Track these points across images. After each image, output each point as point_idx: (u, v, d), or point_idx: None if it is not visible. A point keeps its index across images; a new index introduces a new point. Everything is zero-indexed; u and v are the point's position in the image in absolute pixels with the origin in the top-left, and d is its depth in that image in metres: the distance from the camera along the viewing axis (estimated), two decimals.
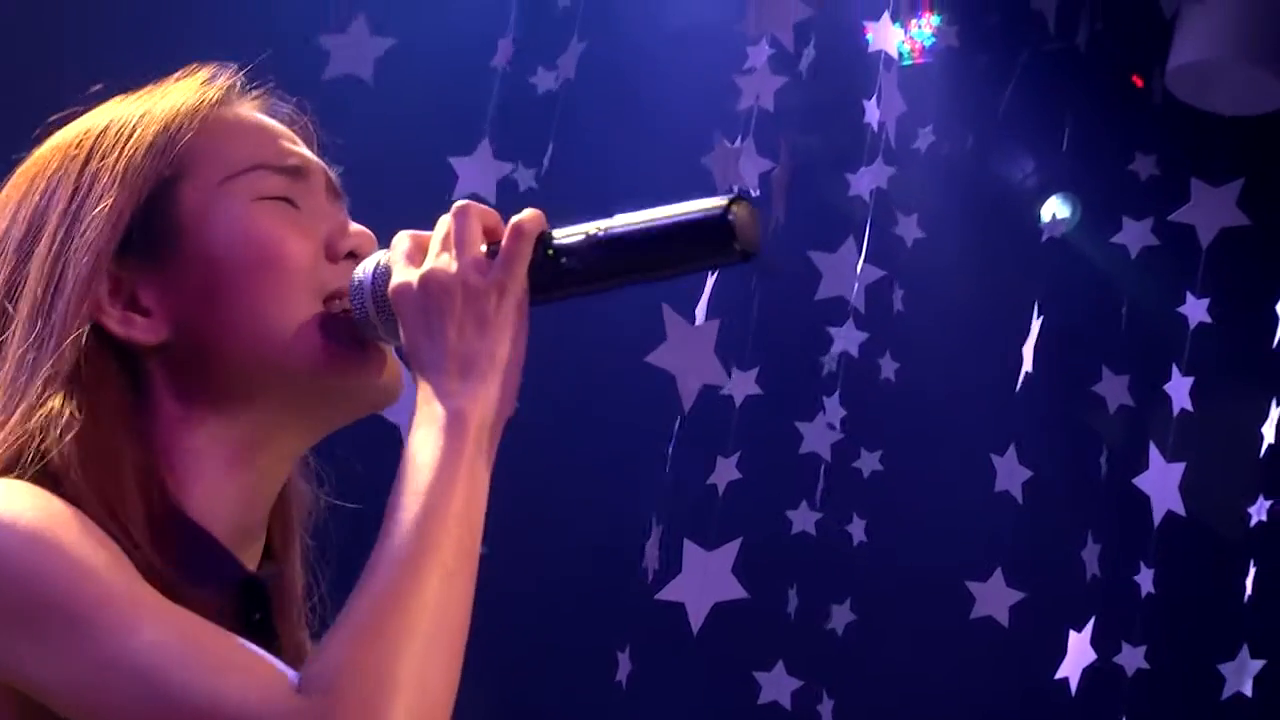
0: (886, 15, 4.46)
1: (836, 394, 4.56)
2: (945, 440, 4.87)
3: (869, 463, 4.70)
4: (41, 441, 1.46)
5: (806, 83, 4.56)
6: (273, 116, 1.60)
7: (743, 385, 3.87)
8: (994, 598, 4.29)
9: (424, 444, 1.43)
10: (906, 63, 4.78)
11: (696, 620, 3.92)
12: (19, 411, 1.49)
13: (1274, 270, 4.04)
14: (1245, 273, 4.06)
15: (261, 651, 1.42)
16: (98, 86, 1.61)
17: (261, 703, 1.33)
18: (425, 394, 1.46)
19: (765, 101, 4.17)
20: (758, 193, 4.15)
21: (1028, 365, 4.08)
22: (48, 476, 1.45)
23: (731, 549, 3.49)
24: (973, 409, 4.72)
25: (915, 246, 4.50)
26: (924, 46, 4.91)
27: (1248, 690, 3.82)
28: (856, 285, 4.13)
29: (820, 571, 4.68)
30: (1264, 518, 4.11)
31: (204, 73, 1.59)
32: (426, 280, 1.47)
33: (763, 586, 4.54)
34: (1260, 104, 4.45)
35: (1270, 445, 3.94)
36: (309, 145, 1.61)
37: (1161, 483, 3.74)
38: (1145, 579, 3.99)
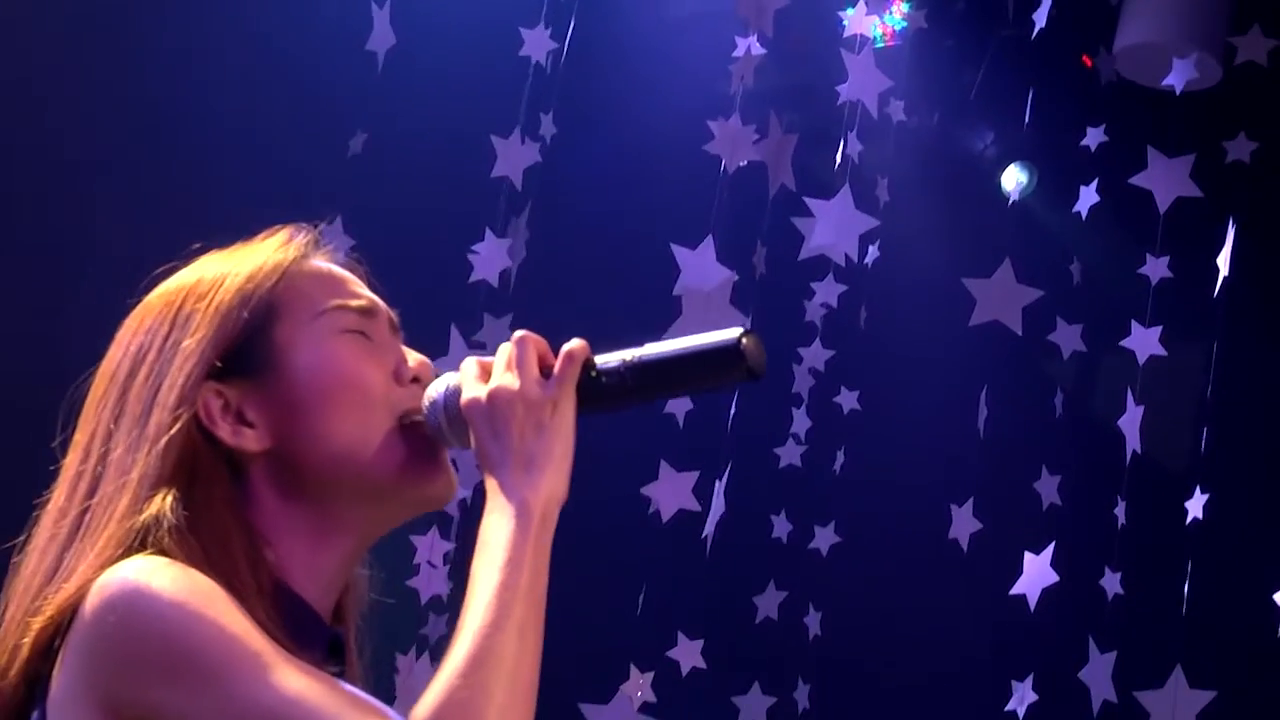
0: (862, 3, 4.49)
1: (817, 341, 4.63)
2: (914, 381, 4.87)
3: (848, 401, 4.70)
4: (155, 530, 1.54)
5: (789, 66, 4.59)
6: (335, 262, 1.71)
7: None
8: (961, 522, 4.37)
9: (496, 528, 1.54)
10: (879, 45, 4.79)
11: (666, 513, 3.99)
12: (122, 506, 1.57)
13: (1210, 230, 4.04)
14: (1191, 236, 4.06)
15: (376, 702, 1.52)
16: (196, 245, 1.70)
17: None
18: (493, 488, 1.56)
19: (749, 82, 4.20)
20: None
21: (1014, 323, 3.98)
22: (174, 552, 1.53)
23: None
24: (941, 353, 4.74)
25: (885, 209, 4.50)
26: (894, 30, 4.91)
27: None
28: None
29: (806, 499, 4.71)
30: (1209, 450, 4.13)
31: (283, 234, 1.70)
32: (494, 395, 1.57)
33: (754, 513, 4.61)
34: (1200, 81, 4.44)
35: (1213, 383, 3.98)
36: (367, 285, 1.71)
37: (1130, 423, 3.80)
38: (1120, 512, 4.03)
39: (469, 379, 1.61)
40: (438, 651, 3.86)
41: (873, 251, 4.44)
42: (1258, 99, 4.64)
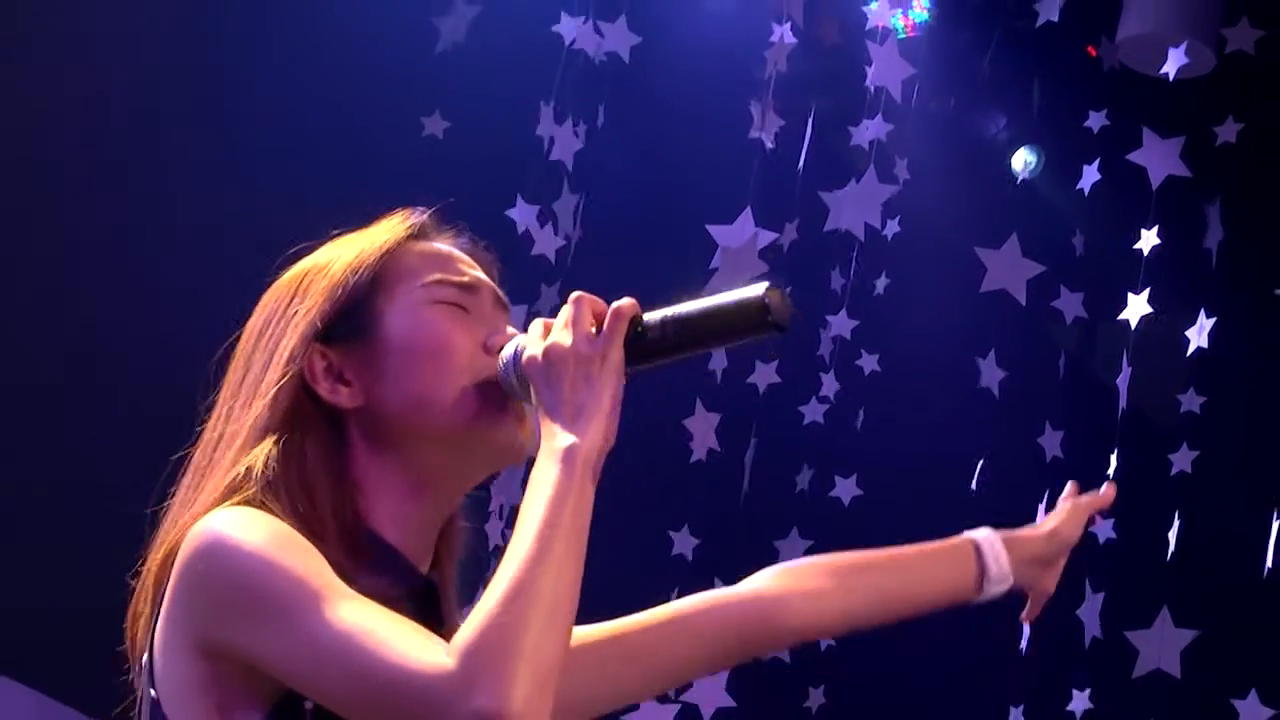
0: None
1: (843, 310, 4.65)
2: (930, 344, 4.86)
3: (869, 363, 4.71)
4: (248, 480, 1.59)
5: (819, 54, 4.61)
6: (458, 248, 1.73)
7: None
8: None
9: (545, 470, 1.54)
10: (901, 36, 4.79)
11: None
12: (231, 452, 1.63)
13: (1200, 213, 4.05)
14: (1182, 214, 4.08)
15: (422, 629, 1.51)
16: (335, 230, 1.75)
17: (420, 663, 1.43)
18: (547, 433, 1.57)
19: (782, 67, 4.25)
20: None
21: (1019, 292, 4.12)
22: (261, 502, 1.58)
23: None
24: (953, 319, 4.73)
25: (905, 187, 4.52)
26: (915, 23, 4.91)
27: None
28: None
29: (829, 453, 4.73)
30: (1196, 409, 4.18)
31: (400, 215, 1.73)
32: (549, 351, 1.59)
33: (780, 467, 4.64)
34: (1195, 69, 4.44)
35: (1199, 347, 4.01)
36: (488, 270, 1.74)
37: (1124, 383, 3.85)
38: (1114, 464, 4.02)
39: (533, 338, 1.62)
40: None
41: (893, 226, 4.46)
42: (1246, 86, 4.62)
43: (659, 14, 4.40)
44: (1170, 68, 4.26)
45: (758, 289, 1.61)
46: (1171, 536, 3.79)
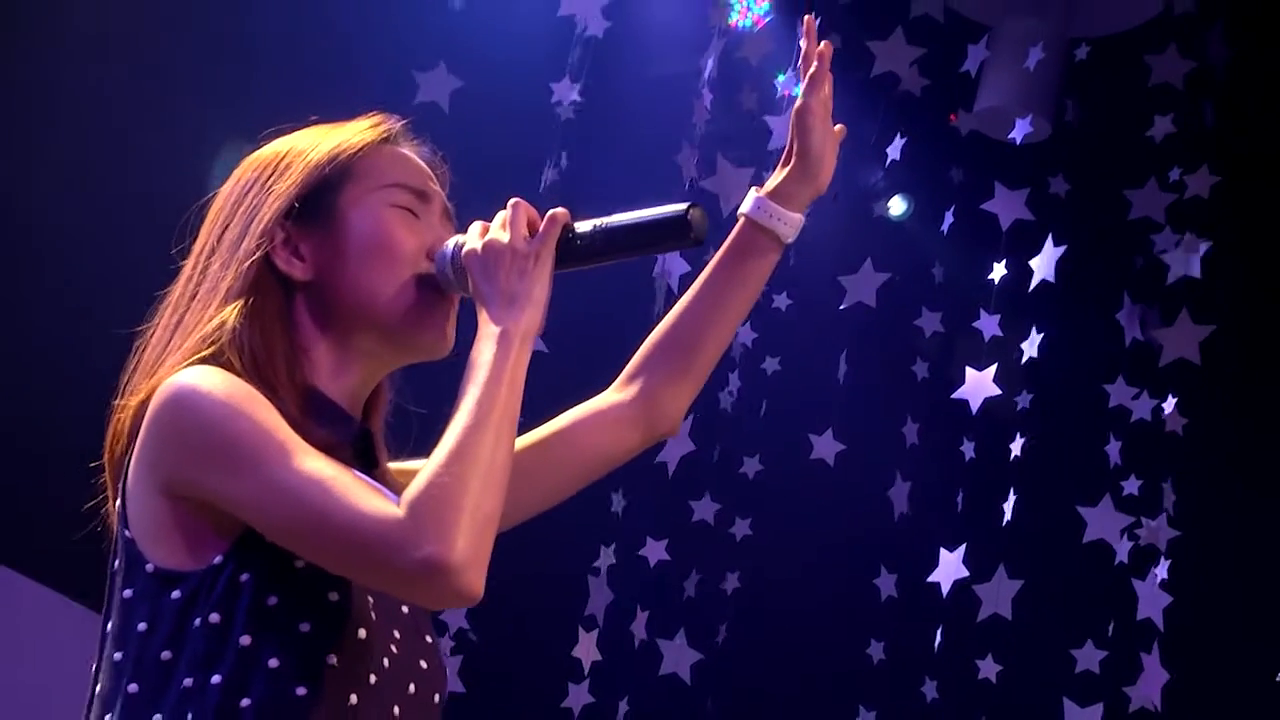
0: (791, 71, 4.62)
1: (748, 323, 4.69)
2: (820, 350, 4.84)
3: (770, 365, 4.75)
4: (219, 337, 1.50)
5: (737, 115, 4.63)
6: (419, 156, 1.63)
7: None
8: (830, 448, 4.49)
9: (483, 350, 1.47)
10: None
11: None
12: (206, 315, 1.53)
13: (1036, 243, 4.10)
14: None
15: (374, 482, 1.45)
16: (314, 118, 1.65)
17: (374, 513, 1.37)
18: (484, 318, 1.50)
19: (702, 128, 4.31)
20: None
21: (870, 302, 4.20)
22: (224, 360, 1.49)
23: None
24: (842, 332, 4.74)
25: (805, 224, 4.54)
26: (812, 21, 4.91)
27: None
28: None
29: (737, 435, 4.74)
30: (1027, 405, 4.25)
31: (376, 118, 1.63)
32: (488, 245, 1.52)
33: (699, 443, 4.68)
34: (1036, 136, 4.53)
35: (1031, 358, 4.00)
36: (442, 183, 1.64)
37: (979, 384, 3.82)
38: (966, 450, 4.10)
39: (472, 235, 1.55)
40: None
41: (792, 256, 4.53)
42: (1073, 149, 4.76)
43: (610, 75, 4.40)
44: (1016, 134, 4.34)
45: (681, 206, 1.54)
46: (1007, 508, 3.83)
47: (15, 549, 4.53)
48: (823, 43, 1.76)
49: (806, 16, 1.79)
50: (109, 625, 1.47)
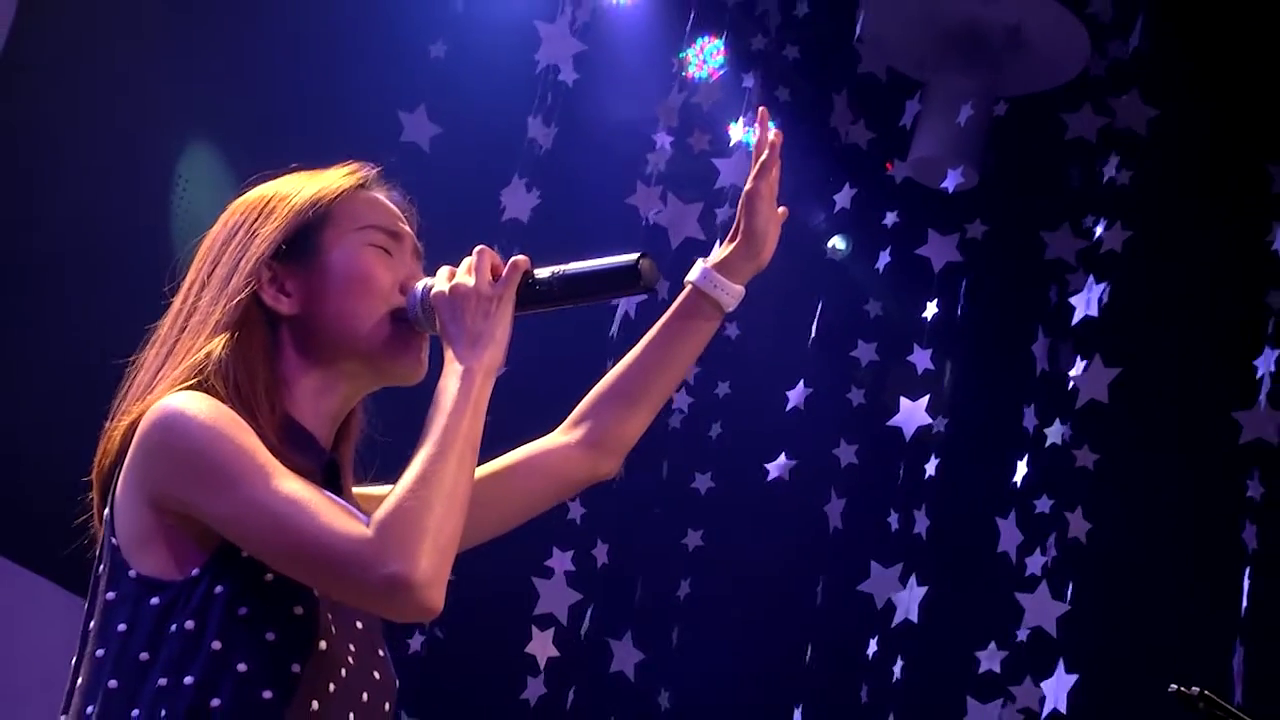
0: (742, 120, 4.72)
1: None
2: (765, 374, 4.87)
3: (723, 389, 4.83)
4: (206, 367, 1.52)
5: (690, 158, 4.70)
6: (390, 200, 1.66)
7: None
8: (777, 468, 4.53)
9: (448, 385, 1.49)
10: (750, 148, 4.91)
11: None
12: (195, 345, 1.55)
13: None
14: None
15: (345, 503, 1.47)
16: (294, 165, 1.68)
17: (345, 531, 1.40)
18: (449, 356, 1.52)
19: (661, 167, 4.39)
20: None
21: (812, 334, 4.30)
22: (209, 386, 1.51)
23: None
24: (784, 360, 4.80)
25: None
26: (767, 113, 4.98)
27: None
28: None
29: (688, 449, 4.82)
30: (942, 429, 4.28)
31: (352, 166, 1.66)
32: (454, 289, 1.54)
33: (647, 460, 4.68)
34: (964, 185, 4.63)
35: (948, 385, 4.16)
36: (411, 223, 1.66)
37: (912, 413, 3.95)
38: (931, 466, 4.13)
39: (441, 279, 1.57)
40: None
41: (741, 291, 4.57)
42: (994, 196, 4.83)
43: (581, 117, 4.44)
44: (949, 183, 4.46)
45: (632, 256, 1.55)
46: (920, 522, 3.95)
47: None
48: (774, 131, 1.81)
49: (761, 108, 1.86)
50: (91, 624, 1.50)
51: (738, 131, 4.66)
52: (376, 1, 4.70)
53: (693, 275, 1.79)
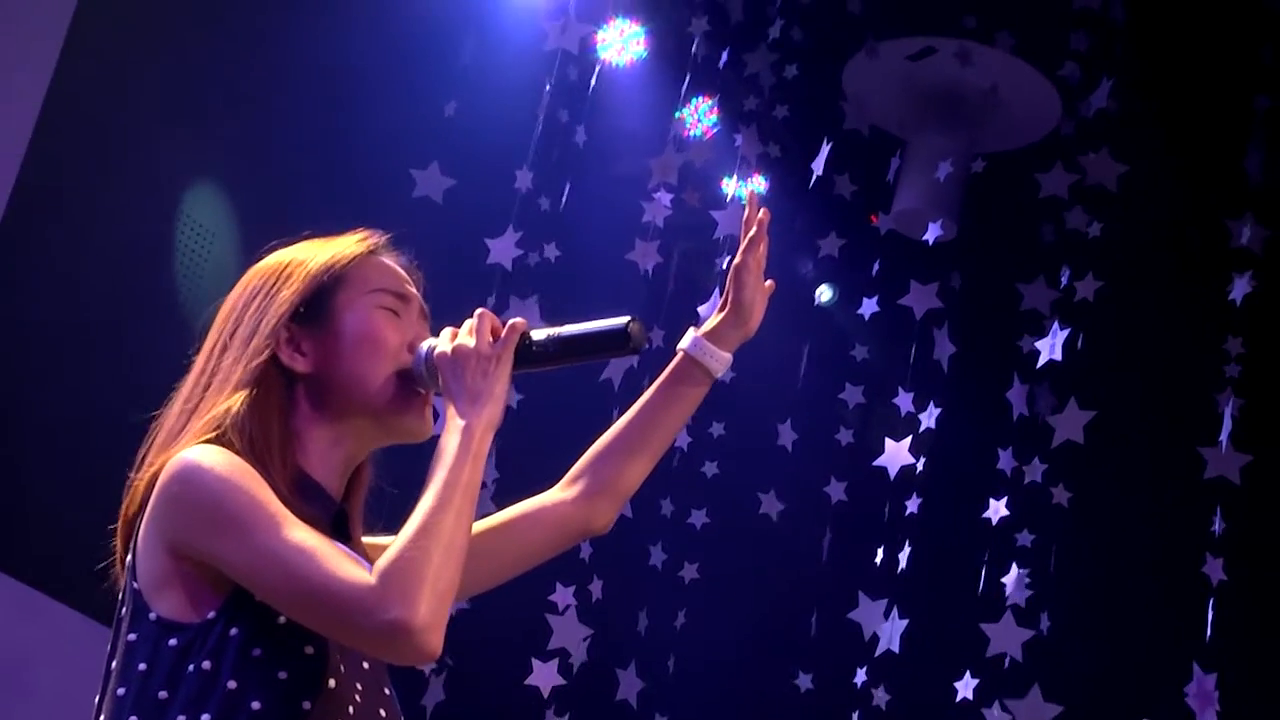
0: (737, 175, 4.78)
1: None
2: (759, 417, 4.88)
3: (717, 429, 4.83)
4: (224, 421, 1.55)
5: (687, 210, 4.71)
6: (398, 264, 1.69)
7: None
8: (770, 504, 4.60)
9: (449, 440, 1.51)
10: (743, 201, 4.93)
11: None
12: (215, 404, 1.57)
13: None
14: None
15: (352, 552, 1.49)
16: (307, 232, 1.70)
17: (349, 579, 1.41)
18: (450, 413, 1.53)
19: (659, 220, 4.42)
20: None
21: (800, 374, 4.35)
22: (226, 440, 1.53)
23: None
24: (776, 402, 4.85)
25: None
26: (754, 192, 5.07)
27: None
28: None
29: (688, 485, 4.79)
30: (921, 467, 4.28)
31: (363, 233, 1.69)
32: (456, 349, 1.57)
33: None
34: (944, 236, 4.70)
35: (927, 426, 4.16)
36: (418, 286, 1.69)
37: (896, 453, 3.98)
38: (913, 503, 4.15)
39: (443, 339, 1.59)
40: None
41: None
42: (971, 249, 4.91)
43: (577, 174, 4.47)
44: (930, 235, 4.50)
45: (622, 319, 1.57)
46: (903, 557, 3.98)
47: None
48: (762, 210, 1.83)
49: (749, 191, 1.92)
50: (113, 663, 1.51)
51: (731, 186, 4.71)
52: (390, 61, 4.76)
53: (684, 343, 1.83)
